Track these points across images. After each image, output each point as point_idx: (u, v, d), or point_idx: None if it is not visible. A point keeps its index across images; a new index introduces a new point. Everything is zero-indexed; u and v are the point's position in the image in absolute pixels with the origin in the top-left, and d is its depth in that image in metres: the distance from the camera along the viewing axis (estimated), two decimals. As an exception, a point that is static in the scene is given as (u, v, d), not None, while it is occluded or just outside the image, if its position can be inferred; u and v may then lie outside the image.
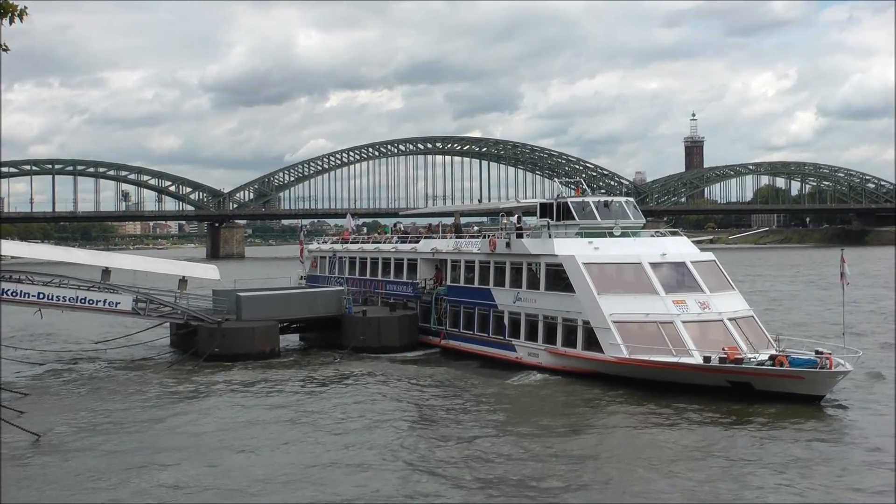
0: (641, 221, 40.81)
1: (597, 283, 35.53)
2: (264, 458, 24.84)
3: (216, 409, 31.73)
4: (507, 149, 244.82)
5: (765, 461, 23.63)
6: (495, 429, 27.76)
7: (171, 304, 44.43)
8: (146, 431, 28.22)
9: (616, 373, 34.01)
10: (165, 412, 31.00)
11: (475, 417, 29.53)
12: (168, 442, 26.75)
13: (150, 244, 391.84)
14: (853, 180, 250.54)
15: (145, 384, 36.86)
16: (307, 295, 47.98)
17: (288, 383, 36.23)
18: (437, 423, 28.75)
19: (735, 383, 31.27)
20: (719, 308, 34.90)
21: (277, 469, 23.56)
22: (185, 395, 34.46)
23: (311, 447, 25.96)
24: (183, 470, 23.64)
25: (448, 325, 44.27)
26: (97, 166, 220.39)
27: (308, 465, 23.97)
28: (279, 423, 28.86)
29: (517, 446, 25.45)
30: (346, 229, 61.88)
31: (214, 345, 41.53)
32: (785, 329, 44.36)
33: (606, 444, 25.86)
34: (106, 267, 44.49)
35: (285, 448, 25.88)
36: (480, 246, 42.81)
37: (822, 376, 30.03)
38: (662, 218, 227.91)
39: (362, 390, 34.59)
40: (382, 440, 26.41)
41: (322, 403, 32.16)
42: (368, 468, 23.51)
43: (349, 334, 44.54)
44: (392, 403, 31.89)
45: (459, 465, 23.67)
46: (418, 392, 34.16)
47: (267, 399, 33.11)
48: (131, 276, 47.09)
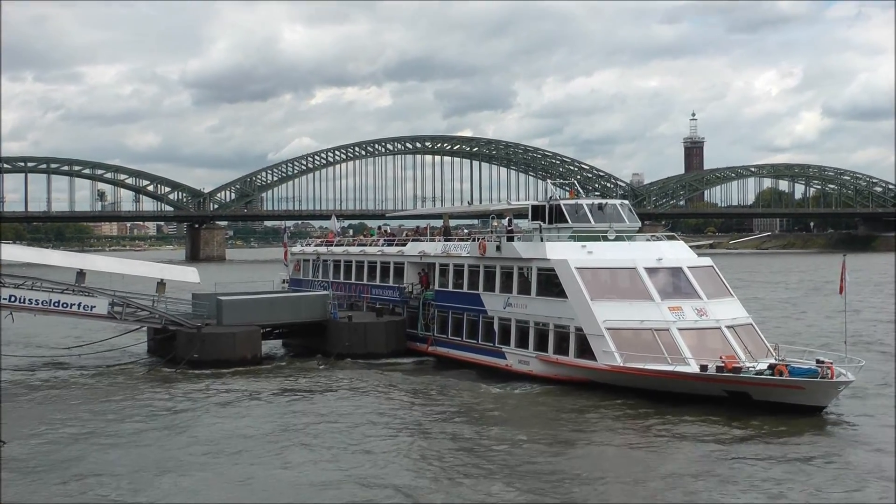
0: (637, 225, 41.02)
1: (590, 288, 35.69)
2: (242, 471, 24.56)
3: (194, 419, 31.40)
4: (499, 149, 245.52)
5: (759, 476, 23.64)
6: (480, 446, 27.34)
7: (149, 308, 44.34)
8: (118, 443, 27.92)
9: (609, 382, 34.15)
10: (140, 424, 30.54)
11: (456, 433, 29.00)
12: (137, 456, 26.35)
13: (126, 246, 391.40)
14: (860, 183, 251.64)
15: (120, 392, 36.69)
16: (291, 299, 48.01)
17: (270, 392, 36.10)
18: (422, 439, 28.21)
19: (733, 393, 31.40)
20: (717, 315, 35.08)
21: (257, 486, 23.31)
22: (162, 404, 34.21)
23: (296, 464, 25.50)
24: (152, 485, 23.36)
25: (436, 331, 44.40)
26: (72, 164, 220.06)
27: (292, 483, 23.67)
28: (258, 437, 28.41)
29: (502, 464, 25.25)
30: (331, 231, 62.00)
31: (194, 351, 41.49)
32: (785, 338, 44.46)
33: (592, 463, 25.61)
34: (81, 269, 44.30)
35: (264, 464, 25.50)
36: (470, 249, 42.94)
37: (824, 386, 30.13)
38: (660, 222, 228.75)
39: (348, 400, 34.38)
40: (369, 457, 26.01)
41: (306, 416, 31.66)
42: (353, 484, 23.39)
43: (334, 340, 44.52)
44: (377, 416, 31.51)
45: (440, 484, 23.55)
46: (403, 403, 33.96)
47: (248, 409, 32.88)
48: (107, 278, 46.86)
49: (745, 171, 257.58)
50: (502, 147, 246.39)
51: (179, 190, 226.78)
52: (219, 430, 29.63)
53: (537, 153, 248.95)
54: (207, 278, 55.23)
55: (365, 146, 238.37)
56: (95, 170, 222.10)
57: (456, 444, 27.40)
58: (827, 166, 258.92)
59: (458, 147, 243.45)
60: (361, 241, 55.67)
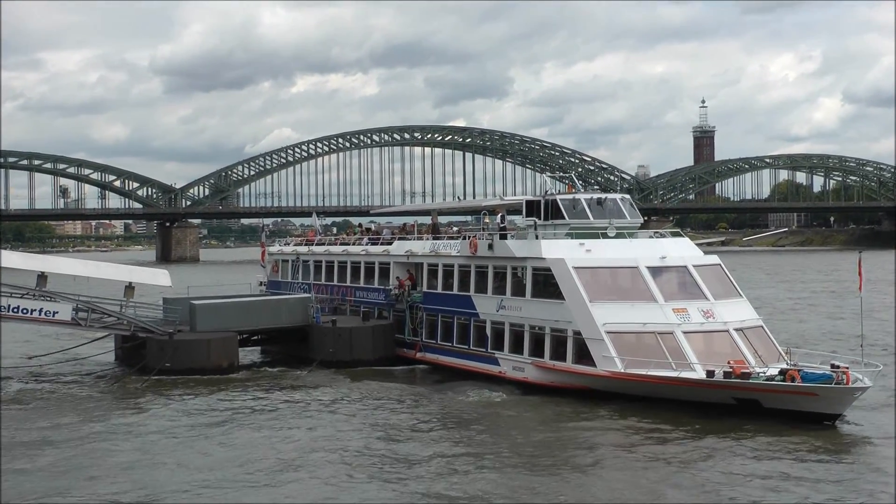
0: (639, 221, 41.29)
1: (588, 289, 35.91)
2: (213, 495, 24.43)
3: (165, 436, 31.11)
4: (493, 140, 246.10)
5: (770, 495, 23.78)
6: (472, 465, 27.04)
7: (117, 313, 44.22)
8: (82, 462, 27.69)
9: (609, 389, 34.42)
10: (104, 443, 30.25)
11: (447, 449, 28.81)
12: (103, 475, 26.11)
13: (92, 246, 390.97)
14: (883, 175, 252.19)
15: (84, 404, 36.57)
16: (270, 303, 48.07)
17: (247, 403, 36.08)
18: (412, 463, 27.40)
19: (742, 400, 31.72)
20: (725, 317, 35.35)
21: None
22: (130, 417, 34.03)
23: (275, 486, 25.29)
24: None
25: (424, 336, 44.63)
26: (32, 158, 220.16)
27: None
28: (233, 460, 27.96)
29: (494, 483, 25.21)
30: (312, 229, 62.10)
31: (165, 359, 41.54)
32: (799, 341, 44.67)
33: (588, 480, 25.59)
34: (42, 272, 44.12)
35: (240, 486, 25.24)
36: (460, 248, 43.13)
37: (838, 393, 30.35)
38: (668, 217, 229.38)
39: (333, 413, 34.21)
40: (354, 479, 25.75)
41: (287, 431, 31.44)
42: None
43: (317, 347, 44.54)
44: (363, 430, 31.38)
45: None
46: (389, 414, 33.96)
47: (222, 424, 32.58)
48: (71, 282, 46.72)
49: (760, 163, 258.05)
50: (497, 138, 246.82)
51: (149, 185, 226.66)
52: (194, 458, 28.50)
53: (535, 144, 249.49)
54: (179, 281, 55.52)
55: (349, 137, 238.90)
56: (57, 164, 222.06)
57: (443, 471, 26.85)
58: (848, 156, 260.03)
59: (450, 138, 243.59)
60: (344, 240, 55.74)
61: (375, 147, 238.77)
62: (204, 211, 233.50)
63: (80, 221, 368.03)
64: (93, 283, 47.65)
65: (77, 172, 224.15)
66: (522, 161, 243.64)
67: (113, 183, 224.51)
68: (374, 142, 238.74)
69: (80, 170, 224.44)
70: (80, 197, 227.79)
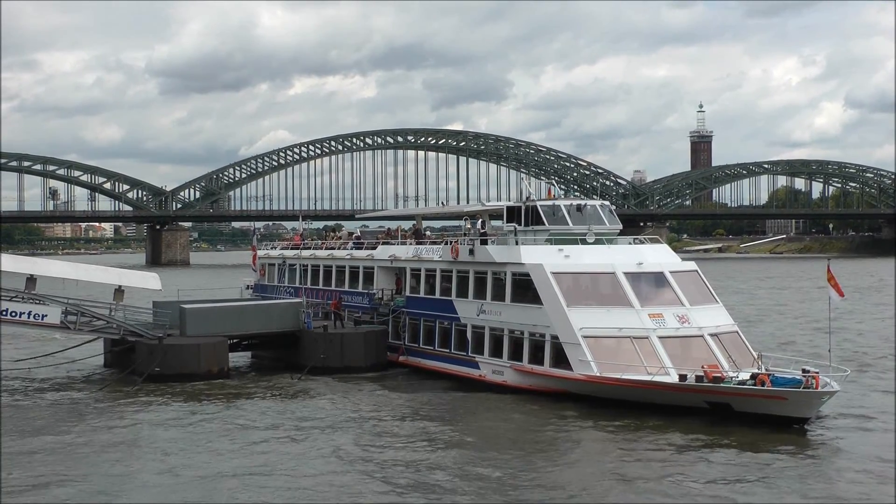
0: (618, 227, 42.39)
1: (566, 294, 37.04)
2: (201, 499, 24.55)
3: (154, 442, 31.14)
4: (488, 143, 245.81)
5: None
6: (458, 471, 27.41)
7: (106, 317, 44.65)
8: (68, 467, 27.72)
9: (586, 392, 35.50)
10: (90, 448, 30.19)
11: (440, 459, 28.85)
12: (90, 484, 26.03)
13: (81, 249, 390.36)
14: (884, 182, 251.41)
15: (72, 409, 36.71)
16: (260, 307, 48.04)
17: (237, 410, 36.18)
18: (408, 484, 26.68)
19: (714, 404, 32.81)
20: (700, 322, 36.52)
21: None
22: (118, 422, 34.11)
23: (263, 490, 25.41)
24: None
25: (407, 339, 45.61)
26: (21, 159, 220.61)
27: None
28: (221, 466, 27.93)
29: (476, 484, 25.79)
30: (297, 233, 63.01)
31: (155, 364, 41.77)
32: (783, 348, 45.48)
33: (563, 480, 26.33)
34: (31, 274, 44.24)
35: (229, 491, 25.30)
36: (442, 253, 44.08)
37: (807, 397, 31.39)
38: (664, 223, 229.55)
39: (325, 420, 34.22)
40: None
41: (277, 439, 31.42)
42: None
43: (308, 352, 44.69)
44: (357, 439, 31.32)
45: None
46: (383, 422, 34.06)
47: (212, 432, 32.43)
48: (60, 284, 46.86)
49: (758, 168, 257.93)
50: (492, 142, 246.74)
51: (139, 188, 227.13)
52: (181, 464, 28.34)
53: (530, 148, 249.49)
54: (170, 284, 55.45)
55: (342, 140, 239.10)
56: (47, 165, 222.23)
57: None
58: (848, 163, 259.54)
59: (444, 141, 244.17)
60: (330, 245, 56.38)
61: (368, 150, 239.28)
62: (194, 214, 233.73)
63: (69, 224, 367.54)
64: (82, 286, 47.80)
65: (67, 174, 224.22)
66: (517, 165, 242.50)
67: (103, 185, 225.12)
68: (368, 145, 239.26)
69: (69, 171, 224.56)
70: (69, 199, 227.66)
